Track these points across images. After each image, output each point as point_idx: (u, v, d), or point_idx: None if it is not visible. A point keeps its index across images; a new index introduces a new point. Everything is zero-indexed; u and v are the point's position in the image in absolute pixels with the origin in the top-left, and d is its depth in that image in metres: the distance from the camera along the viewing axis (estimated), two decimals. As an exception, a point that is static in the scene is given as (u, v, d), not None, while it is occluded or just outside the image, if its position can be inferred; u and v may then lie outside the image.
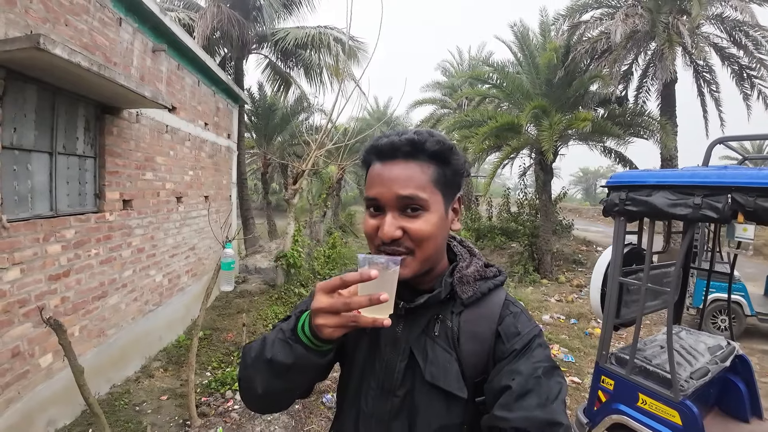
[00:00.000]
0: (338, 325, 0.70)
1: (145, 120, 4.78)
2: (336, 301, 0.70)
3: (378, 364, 0.92)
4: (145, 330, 4.87)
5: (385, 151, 0.84)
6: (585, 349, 6.03)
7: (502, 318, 0.88)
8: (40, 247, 3.30)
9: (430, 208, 0.82)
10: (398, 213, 0.81)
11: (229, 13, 9.21)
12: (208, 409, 3.89)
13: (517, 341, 0.84)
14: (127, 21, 4.37)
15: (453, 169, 0.86)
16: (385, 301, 0.68)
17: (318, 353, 0.76)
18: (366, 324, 0.70)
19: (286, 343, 0.77)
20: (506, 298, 0.92)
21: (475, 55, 18.44)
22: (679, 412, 2.53)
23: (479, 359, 0.86)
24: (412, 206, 0.81)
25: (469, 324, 0.88)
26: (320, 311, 0.71)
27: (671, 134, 9.74)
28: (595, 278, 3.36)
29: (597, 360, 3.10)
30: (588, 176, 55.12)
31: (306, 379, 0.84)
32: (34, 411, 3.22)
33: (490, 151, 10.38)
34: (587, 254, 12.49)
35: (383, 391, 0.90)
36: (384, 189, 0.82)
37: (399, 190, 0.80)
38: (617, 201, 2.85)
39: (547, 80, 9.52)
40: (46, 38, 2.57)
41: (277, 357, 0.77)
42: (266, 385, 0.82)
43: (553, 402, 0.76)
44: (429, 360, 0.87)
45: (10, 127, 3.06)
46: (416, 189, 0.81)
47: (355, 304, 0.68)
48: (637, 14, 9.26)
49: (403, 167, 0.82)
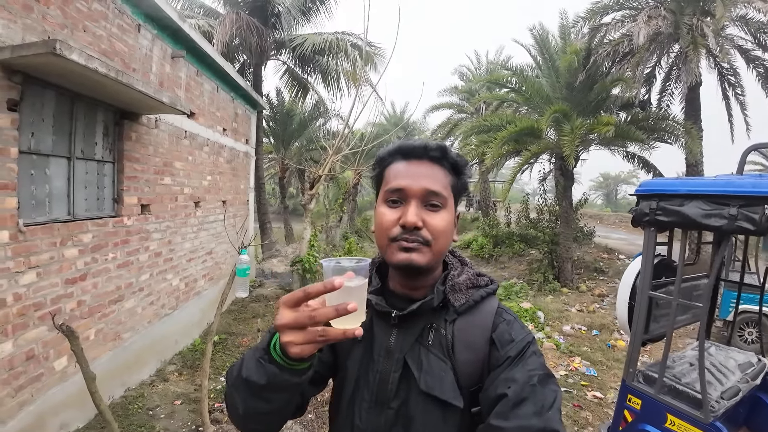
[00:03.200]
0: (306, 342, 0.66)
1: (163, 125, 4.82)
2: (300, 315, 0.65)
3: (371, 376, 0.91)
4: (161, 334, 4.89)
5: (416, 151, 0.90)
6: (608, 362, 5.80)
7: (495, 325, 0.88)
8: (56, 251, 3.34)
9: (447, 207, 0.87)
10: (421, 205, 0.85)
11: (247, 19, 9.31)
12: (221, 416, 3.86)
13: (512, 348, 0.84)
14: (146, 27, 4.42)
15: (462, 183, 0.93)
16: (353, 311, 0.63)
17: (292, 372, 0.71)
18: (336, 337, 0.66)
19: (259, 362, 0.73)
20: (499, 306, 0.93)
21: (493, 59, 18.26)
22: None
23: (474, 367, 0.86)
24: (433, 201, 0.86)
25: (463, 332, 0.88)
26: (285, 327, 0.66)
27: (697, 139, 9.44)
28: (622, 291, 3.22)
29: (624, 377, 2.96)
30: (609, 181, 54.01)
31: (287, 398, 0.79)
32: (46, 414, 3.23)
33: (508, 156, 10.20)
34: (609, 262, 12.16)
35: (377, 404, 0.89)
36: (412, 181, 0.86)
37: (427, 185, 0.85)
38: (647, 211, 2.70)
39: (568, 84, 9.33)
40: (62, 44, 2.59)
41: (251, 377, 0.73)
42: (245, 405, 0.78)
43: (548, 410, 0.75)
44: (424, 369, 0.86)
45: (28, 131, 3.09)
46: (441, 186, 0.87)
47: (320, 317, 0.64)
48: (660, 16, 9.02)
49: (431, 167, 0.88)
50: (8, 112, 2.80)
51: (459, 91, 18.35)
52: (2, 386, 2.84)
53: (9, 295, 2.88)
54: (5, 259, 2.84)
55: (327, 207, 13.50)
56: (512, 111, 11.67)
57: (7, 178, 2.81)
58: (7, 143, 2.79)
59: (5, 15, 2.72)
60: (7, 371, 2.87)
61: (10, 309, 2.89)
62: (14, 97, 2.85)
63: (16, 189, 2.90)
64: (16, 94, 2.86)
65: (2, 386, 2.84)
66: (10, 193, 2.85)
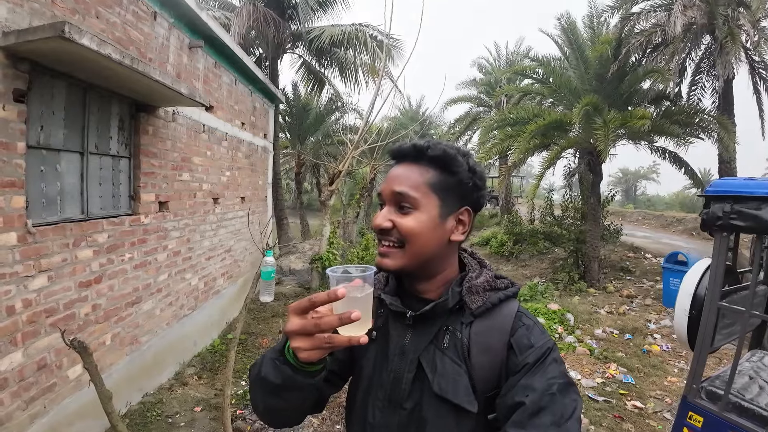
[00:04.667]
0: (313, 347, 0.69)
1: (181, 119, 4.62)
2: (307, 323, 0.68)
3: (385, 375, 0.90)
4: (179, 335, 4.72)
5: (397, 154, 0.92)
6: (645, 368, 5.49)
7: (514, 330, 0.86)
8: (69, 253, 3.14)
9: (420, 207, 0.84)
10: (393, 208, 0.86)
11: (264, 11, 9.09)
12: (243, 424, 3.65)
13: (530, 354, 0.82)
14: (162, 15, 4.21)
15: (457, 178, 0.88)
16: (357, 320, 0.66)
17: (305, 374, 0.75)
18: (341, 344, 0.69)
19: (275, 363, 0.77)
20: (519, 310, 0.90)
21: (514, 50, 17.80)
22: None
23: (491, 373, 0.84)
24: (402, 203, 0.85)
25: (481, 336, 0.86)
26: (293, 333, 0.70)
27: (732, 134, 8.97)
28: (681, 299, 2.95)
29: (685, 394, 2.72)
30: (628, 177, 53.05)
31: (302, 396, 0.80)
32: (60, 426, 3.06)
33: (535, 151, 9.82)
34: (636, 262, 11.71)
35: (390, 403, 0.89)
36: (386, 185, 0.88)
37: (394, 186, 0.86)
38: (720, 214, 2.47)
39: (598, 75, 8.90)
40: (71, 26, 2.35)
41: (268, 377, 0.77)
42: (264, 402, 0.83)
43: (567, 421, 0.73)
44: (438, 372, 0.85)
45: (37, 125, 2.88)
46: (408, 187, 0.85)
47: (324, 325, 0.67)
48: (694, 5, 8.58)
49: (407, 168, 0.88)
50: (14, 103, 2.58)
51: (478, 84, 17.93)
52: (12, 398, 2.65)
53: (18, 302, 2.68)
54: (13, 263, 2.64)
55: (344, 203, 13.28)
56: (535, 104, 11.26)
57: (14, 175, 2.60)
58: (13, 138, 2.58)
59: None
60: (17, 383, 2.69)
61: (20, 316, 2.70)
62: (21, 87, 2.63)
63: (24, 187, 2.69)
64: (23, 83, 2.64)
65: (12, 398, 2.65)
66: (18, 191, 2.64)
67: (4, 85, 2.51)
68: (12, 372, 2.64)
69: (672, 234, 17.75)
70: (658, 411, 4.32)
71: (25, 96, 2.67)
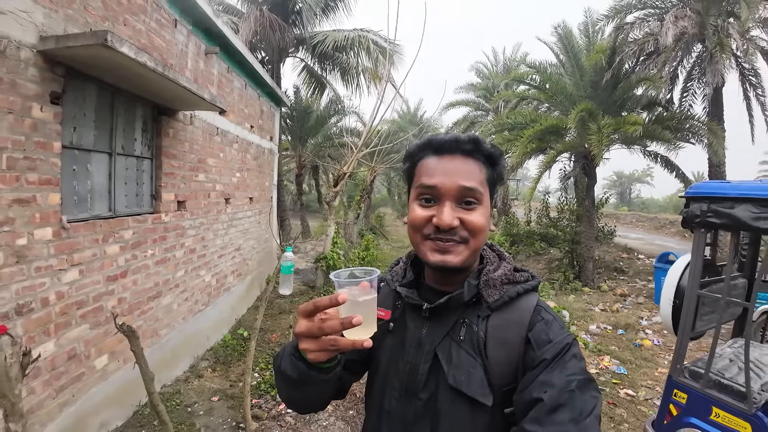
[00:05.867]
0: (319, 349, 0.71)
1: (198, 122, 4.83)
2: (312, 326, 0.71)
3: (401, 366, 0.91)
4: (194, 330, 4.90)
5: (448, 145, 0.87)
6: (636, 360, 5.77)
7: (532, 324, 0.85)
8: (99, 248, 3.29)
9: (483, 202, 0.85)
10: (454, 203, 0.84)
11: (270, 16, 9.31)
12: (260, 412, 3.85)
13: (548, 350, 0.81)
14: (182, 23, 4.42)
15: (498, 173, 0.90)
16: (358, 324, 0.67)
17: (319, 370, 0.78)
18: (346, 347, 0.71)
19: (291, 359, 0.80)
20: (538, 304, 0.89)
21: (511, 56, 18.13)
22: (752, 424, 2.55)
23: (508, 367, 0.84)
24: (468, 198, 0.84)
25: (498, 330, 0.86)
26: (301, 335, 0.72)
27: (722, 139, 9.31)
28: (666, 290, 3.29)
29: (670, 373, 3.05)
30: (622, 180, 53.71)
31: (319, 390, 0.84)
32: (87, 414, 3.17)
33: (531, 155, 10.12)
34: (629, 262, 12.03)
35: (406, 393, 0.90)
36: (446, 179, 0.84)
37: (462, 181, 0.83)
38: (698, 213, 2.79)
39: (593, 82, 9.23)
40: (113, 35, 2.51)
41: (286, 370, 0.81)
42: (285, 392, 0.89)
43: (586, 418, 0.72)
44: (453, 364, 0.86)
45: (70, 126, 3.04)
46: (476, 183, 0.84)
47: (328, 329, 0.69)
48: (686, 16, 8.91)
49: (464, 162, 0.86)
50: (51, 105, 2.73)
51: (476, 89, 18.23)
52: (44, 387, 2.75)
53: (52, 294, 2.81)
54: (48, 256, 2.77)
55: (345, 204, 13.49)
56: (532, 109, 11.56)
57: (51, 173, 2.75)
58: (50, 138, 2.73)
59: (46, 3, 2.62)
60: (48, 372, 2.79)
61: (53, 308, 2.83)
62: (57, 89, 2.77)
63: (59, 185, 2.85)
64: (58, 86, 2.79)
65: (44, 387, 2.75)
66: (54, 188, 2.79)
67: (42, 87, 2.66)
68: (44, 361, 2.75)
69: (665, 235, 18.14)
70: (649, 398, 4.58)
71: (59, 98, 2.82)
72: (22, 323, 2.56)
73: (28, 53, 2.51)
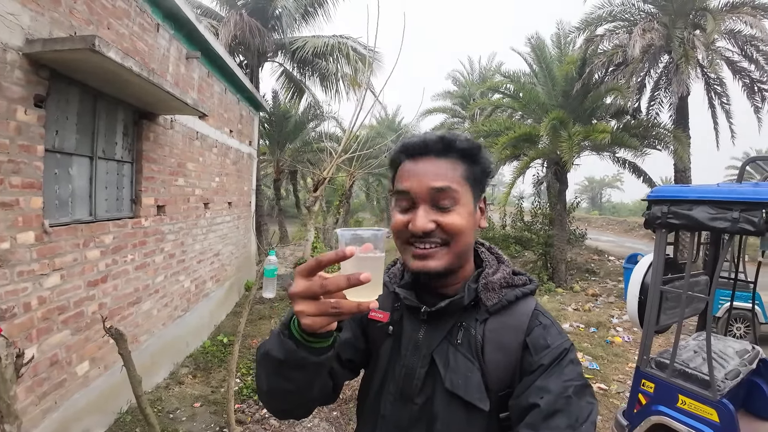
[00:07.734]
0: (318, 312, 0.62)
1: (178, 126, 4.81)
2: (312, 284, 0.62)
3: (398, 369, 0.89)
4: (173, 336, 4.85)
5: (417, 148, 0.85)
6: (608, 357, 6.04)
7: (530, 329, 0.84)
8: (80, 253, 3.26)
9: (461, 201, 0.82)
10: (430, 207, 0.81)
11: (250, 21, 9.30)
12: (243, 416, 3.86)
13: (546, 355, 0.80)
14: (164, 27, 4.42)
15: (481, 167, 0.88)
16: (366, 281, 0.60)
17: (309, 350, 0.69)
18: (350, 310, 0.63)
19: (279, 336, 0.72)
20: (536, 308, 0.88)
21: (486, 65, 18.57)
22: (717, 411, 2.68)
23: (505, 371, 0.82)
24: (443, 200, 0.81)
25: (495, 333, 0.84)
26: (297, 296, 0.63)
27: (686, 146, 9.79)
28: (632, 287, 3.46)
29: (638, 364, 3.21)
30: (593, 185, 55.32)
31: (308, 378, 0.75)
32: (69, 420, 3.13)
33: (506, 161, 10.42)
34: (600, 264, 12.47)
35: (402, 397, 0.88)
36: (415, 182, 0.82)
37: (432, 183, 0.81)
38: (659, 214, 2.96)
39: (564, 92, 9.59)
40: (101, 40, 2.52)
41: (271, 351, 0.73)
42: (268, 381, 0.78)
43: (582, 424, 0.72)
44: (450, 368, 0.84)
45: (53, 129, 3.01)
46: (450, 182, 0.81)
47: (331, 286, 0.60)
48: (653, 29, 9.35)
49: (434, 163, 0.83)
50: (35, 108, 2.71)
51: (453, 96, 18.57)
52: (26, 394, 2.70)
53: (34, 299, 2.77)
54: (30, 261, 2.74)
55: (324, 209, 13.50)
56: (507, 116, 11.89)
57: (34, 176, 2.73)
58: (34, 141, 2.70)
59: (33, 6, 2.62)
60: (31, 378, 2.75)
61: (35, 313, 2.79)
62: (41, 93, 2.75)
63: (41, 188, 2.82)
64: (42, 89, 2.76)
65: (26, 394, 2.70)
66: (36, 192, 2.76)
67: (27, 90, 2.63)
68: (27, 368, 2.67)
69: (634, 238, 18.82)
70: (620, 392, 4.80)
71: (43, 101, 2.80)
72: (6, 328, 2.51)
73: (14, 56, 2.50)
